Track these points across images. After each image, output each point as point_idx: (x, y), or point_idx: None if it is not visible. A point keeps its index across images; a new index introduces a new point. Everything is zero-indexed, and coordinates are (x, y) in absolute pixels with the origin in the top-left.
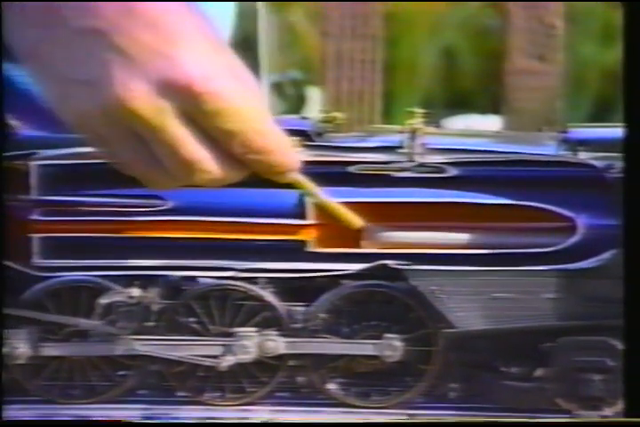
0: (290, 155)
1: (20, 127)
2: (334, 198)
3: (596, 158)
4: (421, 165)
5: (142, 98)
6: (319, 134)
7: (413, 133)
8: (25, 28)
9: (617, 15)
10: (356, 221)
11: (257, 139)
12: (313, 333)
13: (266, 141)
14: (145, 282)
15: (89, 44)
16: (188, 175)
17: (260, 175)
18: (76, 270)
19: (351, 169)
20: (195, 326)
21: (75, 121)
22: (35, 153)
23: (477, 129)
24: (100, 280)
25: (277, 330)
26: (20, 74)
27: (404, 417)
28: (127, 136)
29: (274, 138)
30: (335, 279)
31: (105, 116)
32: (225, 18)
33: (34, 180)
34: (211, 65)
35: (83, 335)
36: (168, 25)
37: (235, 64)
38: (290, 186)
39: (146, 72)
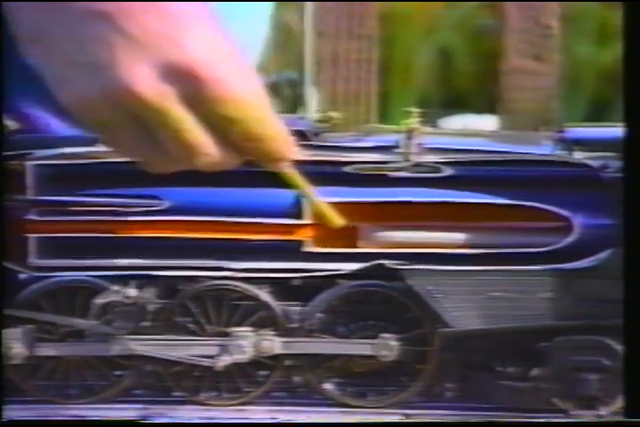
0: (286, 144)
1: (17, 127)
2: (331, 198)
3: (592, 158)
4: (418, 164)
5: (146, 82)
6: (315, 134)
7: (410, 133)
8: (28, 11)
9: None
10: (336, 219)
11: (256, 127)
12: (309, 332)
13: (264, 130)
14: (141, 282)
15: (94, 26)
16: (188, 159)
17: (255, 162)
18: (72, 270)
19: (347, 169)
20: (191, 325)
21: (76, 105)
22: (30, 153)
23: (474, 129)
24: (96, 280)
25: (274, 330)
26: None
27: (401, 417)
28: (129, 120)
29: (272, 126)
30: (332, 279)
31: (107, 99)
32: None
33: (30, 180)
34: (215, 52)
35: (79, 335)
36: (175, 10)
37: (237, 52)
38: (280, 178)
39: (150, 56)
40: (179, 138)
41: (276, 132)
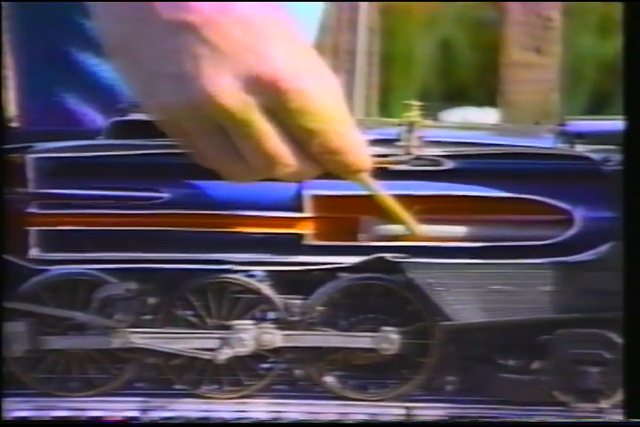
0: (364, 156)
1: (17, 120)
2: (331, 191)
3: (593, 151)
4: (418, 157)
5: (230, 93)
6: None
7: (410, 126)
8: (114, 23)
9: (614, 8)
10: (415, 227)
11: (335, 139)
12: (310, 326)
13: (343, 142)
14: (142, 275)
15: (180, 38)
16: (268, 169)
17: (333, 173)
18: (73, 263)
19: None
20: (192, 318)
21: (161, 115)
22: (31, 146)
23: (474, 122)
24: (97, 273)
25: (274, 323)
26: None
27: (402, 410)
28: (211, 130)
29: (351, 139)
30: (332, 272)
31: (191, 109)
32: (310, 20)
33: (31, 173)
34: (298, 63)
35: (80, 328)
36: (259, 22)
37: (319, 64)
38: (357, 184)
39: (235, 67)
40: (259, 148)
41: (354, 144)
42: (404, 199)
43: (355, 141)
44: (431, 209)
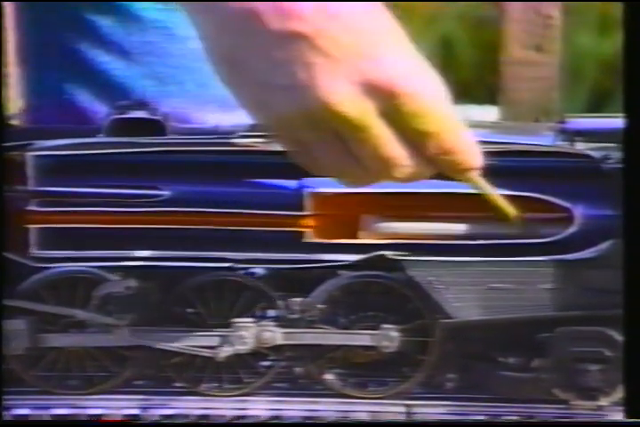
0: (475, 154)
1: (25, 118)
2: (331, 189)
3: (593, 149)
4: None
5: (347, 100)
6: None
7: None
8: (221, 34)
9: (614, 6)
10: (524, 225)
11: (448, 140)
12: (310, 323)
13: (456, 142)
14: (142, 273)
15: (291, 48)
16: (385, 173)
17: (446, 174)
18: (73, 261)
19: None
20: (192, 316)
21: (274, 125)
22: (31, 144)
23: (474, 119)
24: (97, 271)
25: (275, 321)
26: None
27: (402, 408)
28: (328, 137)
29: (463, 138)
30: (332, 270)
31: (307, 118)
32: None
33: (31, 170)
34: (409, 66)
35: (80, 326)
36: (368, 27)
37: (424, 66)
38: (467, 183)
39: (349, 74)
40: (377, 153)
41: (466, 143)
42: (404, 197)
43: (466, 141)
44: (430, 207)
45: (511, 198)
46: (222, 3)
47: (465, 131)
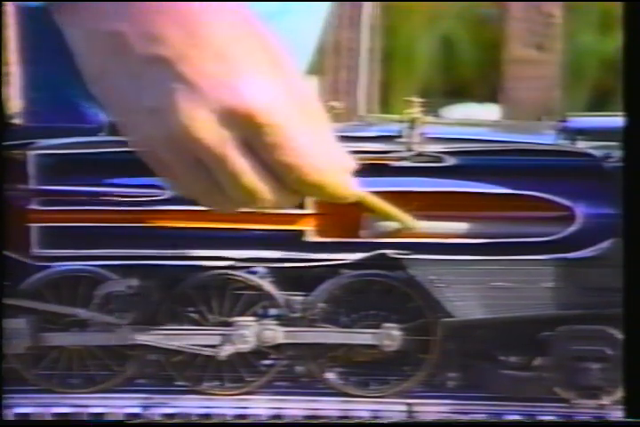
0: (344, 184)
1: (25, 117)
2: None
3: (594, 147)
4: (420, 154)
5: (205, 127)
6: None
7: (412, 123)
8: (91, 54)
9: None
10: (409, 221)
11: (313, 174)
12: (311, 322)
13: (323, 177)
14: (144, 272)
15: (155, 72)
16: (247, 202)
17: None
18: (74, 260)
19: None
20: (193, 315)
21: (140, 146)
22: (33, 142)
23: (476, 118)
24: (98, 270)
25: (276, 320)
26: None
27: (403, 406)
28: (191, 163)
29: (329, 172)
30: (334, 269)
31: (169, 142)
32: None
33: (32, 169)
34: (274, 96)
35: (82, 325)
36: (233, 55)
37: (300, 91)
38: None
39: (209, 101)
40: (236, 183)
41: (333, 176)
42: (406, 195)
43: (333, 173)
44: (432, 205)
45: (512, 197)
46: (92, 20)
47: (333, 162)
